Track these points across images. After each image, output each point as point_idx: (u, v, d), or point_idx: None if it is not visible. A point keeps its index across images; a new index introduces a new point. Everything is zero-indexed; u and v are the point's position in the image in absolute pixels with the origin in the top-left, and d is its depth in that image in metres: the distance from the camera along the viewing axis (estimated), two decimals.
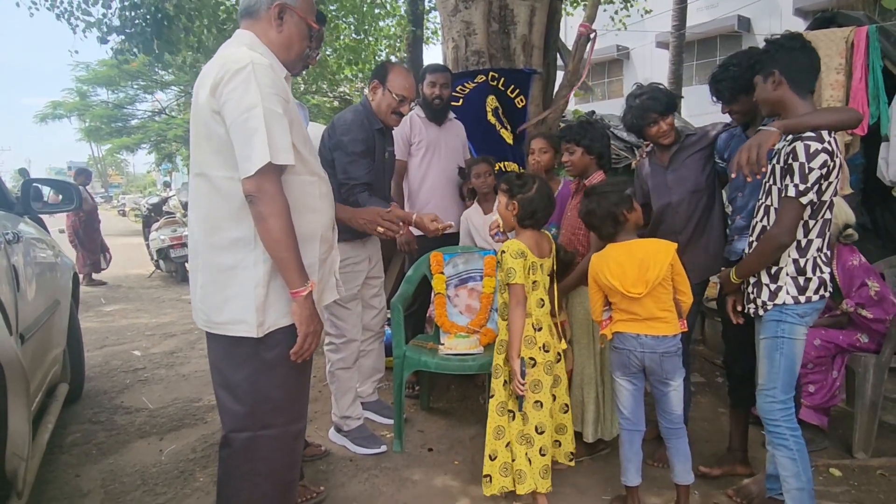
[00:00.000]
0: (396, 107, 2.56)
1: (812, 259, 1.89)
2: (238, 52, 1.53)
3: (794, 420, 1.93)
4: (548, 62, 4.20)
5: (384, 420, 2.96)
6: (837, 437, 2.75)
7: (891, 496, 2.30)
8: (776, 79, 1.90)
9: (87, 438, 2.86)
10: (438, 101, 3.14)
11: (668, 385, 2.06)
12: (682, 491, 2.10)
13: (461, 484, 2.41)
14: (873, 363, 2.57)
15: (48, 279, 2.76)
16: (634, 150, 4.92)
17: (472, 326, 2.88)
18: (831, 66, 3.02)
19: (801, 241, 1.89)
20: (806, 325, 1.93)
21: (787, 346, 1.91)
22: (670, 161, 2.47)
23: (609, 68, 20.27)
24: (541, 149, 2.84)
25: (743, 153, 1.84)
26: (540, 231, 2.20)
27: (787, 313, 1.91)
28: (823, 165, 1.77)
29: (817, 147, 1.76)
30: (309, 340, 1.59)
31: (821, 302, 1.93)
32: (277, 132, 1.49)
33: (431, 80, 3.13)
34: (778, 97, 1.91)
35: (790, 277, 1.90)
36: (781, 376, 1.92)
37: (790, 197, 1.81)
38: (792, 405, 1.94)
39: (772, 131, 1.83)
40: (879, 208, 4.20)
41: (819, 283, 1.90)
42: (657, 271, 1.99)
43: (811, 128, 1.80)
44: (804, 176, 1.77)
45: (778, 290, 1.92)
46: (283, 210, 1.50)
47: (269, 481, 1.67)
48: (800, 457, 1.90)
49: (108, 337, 4.91)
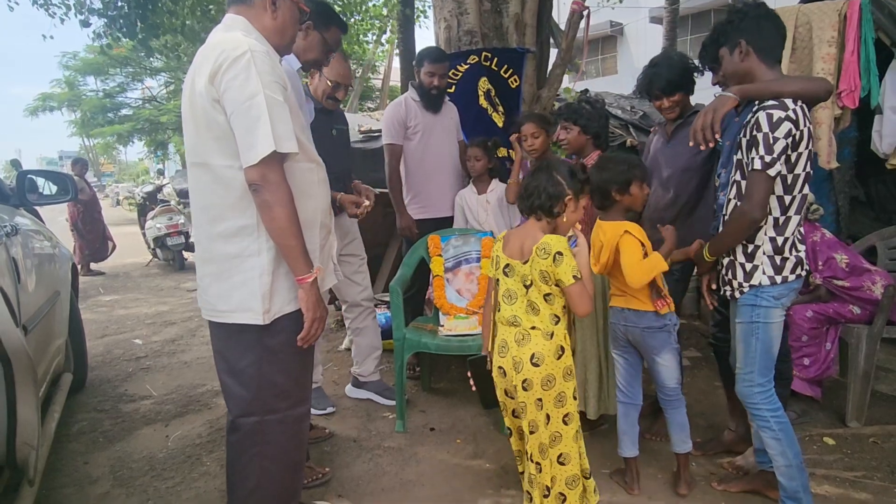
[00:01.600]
0: (331, 92, 2.64)
1: (790, 238, 1.83)
2: (234, 39, 1.51)
3: (774, 401, 1.90)
4: (541, 41, 4.17)
5: (385, 401, 3.00)
6: (831, 407, 2.81)
7: (882, 462, 2.36)
8: (743, 49, 1.83)
9: (94, 426, 2.90)
10: (435, 91, 3.13)
11: (656, 361, 2.10)
12: (681, 460, 2.16)
13: (464, 461, 2.46)
14: (866, 334, 2.62)
15: (47, 270, 2.77)
16: (630, 127, 4.90)
17: (471, 307, 2.91)
18: (823, 39, 3.01)
19: (780, 219, 1.81)
20: (782, 306, 1.86)
21: (763, 331, 1.86)
22: (671, 136, 2.49)
23: (603, 45, 20.08)
24: (532, 133, 2.79)
25: (698, 119, 1.80)
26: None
27: (762, 296, 1.84)
28: (788, 134, 1.68)
29: (780, 115, 1.68)
30: (315, 326, 1.61)
31: (797, 282, 1.87)
32: (280, 120, 1.49)
33: (430, 69, 3.10)
34: (746, 68, 1.85)
35: (767, 257, 1.83)
36: (758, 360, 1.88)
37: (756, 170, 1.72)
38: (771, 387, 1.90)
39: (728, 96, 1.79)
40: (873, 181, 4.23)
41: (796, 262, 1.84)
42: (607, 254, 2.03)
43: (773, 94, 1.73)
44: (769, 147, 1.69)
45: (754, 270, 1.85)
46: (288, 198, 1.51)
47: (277, 464, 1.71)
48: (783, 436, 1.87)
49: (108, 326, 4.93)
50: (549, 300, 1.77)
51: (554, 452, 1.81)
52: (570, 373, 1.81)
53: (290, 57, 2.30)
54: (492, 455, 2.50)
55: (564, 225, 1.83)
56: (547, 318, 1.77)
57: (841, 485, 2.21)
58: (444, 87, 3.18)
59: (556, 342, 1.78)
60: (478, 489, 2.24)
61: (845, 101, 3.05)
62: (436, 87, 3.11)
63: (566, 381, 1.79)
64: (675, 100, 2.42)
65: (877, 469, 2.31)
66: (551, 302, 1.77)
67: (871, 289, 2.63)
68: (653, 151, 2.60)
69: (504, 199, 3.07)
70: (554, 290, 1.76)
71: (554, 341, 1.77)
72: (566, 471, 1.82)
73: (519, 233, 1.86)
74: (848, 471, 2.31)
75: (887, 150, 3.21)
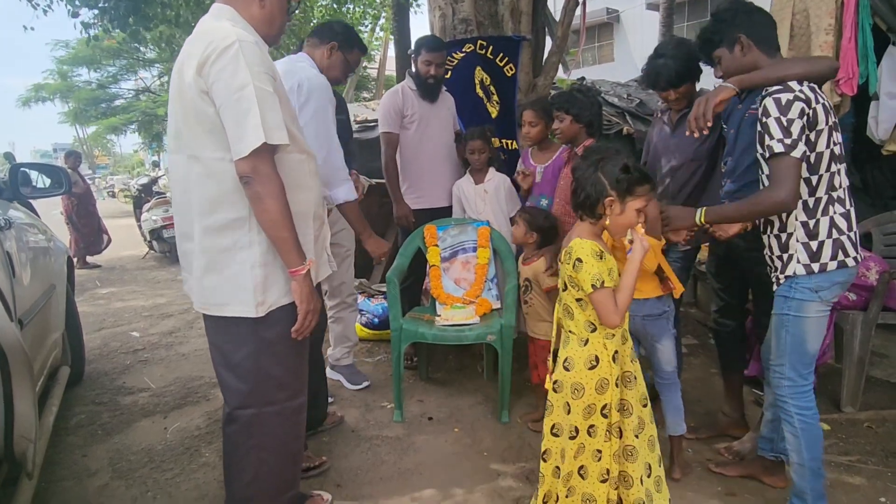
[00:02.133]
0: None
1: (826, 220, 1.73)
2: (222, 29, 1.49)
3: (805, 398, 1.82)
4: (536, 28, 4.14)
5: (351, 386, 3.11)
6: (826, 393, 2.82)
7: (877, 447, 2.38)
8: (743, 43, 1.82)
9: (92, 419, 2.91)
10: (432, 81, 3.10)
11: (656, 347, 2.12)
12: (674, 442, 2.18)
13: (461, 450, 2.47)
14: (861, 320, 2.63)
15: (42, 264, 2.76)
16: (626, 115, 4.88)
17: (467, 297, 2.91)
18: (821, 27, 2.98)
19: (809, 202, 1.73)
20: (822, 300, 1.75)
21: (794, 325, 1.79)
22: (676, 125, 2.45)
23: (599, 32, 19.96)
24: (530, 122, 2.79)
25: (693, 108, 1.79)
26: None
27: (796, 287, 1.77)
28: (802, 114, 1.63)
29: (788, 97, 1.64)
30: (309, 318, 1.61)
31: (841, 273, 1.74)
32: (270, 111, 1.47)
33: (427, 58, 3.06)
34: (750, 62, 1.82)
35: (801, 244, 1.75)
36: (788, 354, 1.81)
37: (779, 153, 1.64)
38: (805, 384, 1.82)
39: (725, 86, 1.78)
40: (869, 167, 4.23)
41: (835, 248, 1.73)
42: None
43: (777, 80, 1.70)
44: (785, 129, 1.63)
45: (789, 261, 1.77)
46: (279, 190, 1.50)
47: (274, 455, 1.72)
48: (803, 435, 1.81)
49: (105, 319, 4.92)
50: (582, 306, 1.67)
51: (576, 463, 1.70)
52: (604, 386, 1.65)
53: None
54: (489, 444, 2.51)
55: (613, 228, 1.67)
56: (582, 323, 1.67)
57: (836, 469, 2.23)
58: (441, 77, 3.15)
59: (591, 351, 1.65)
60: (476, 477, 2.26)
61: (843, 89, 3.04)
62: (433, 76, 3.08)
63: (599, 393, 1.65)
64: (683, 91, 2.37)
65: (871, 453, 2.34)
66: (584, 308, 1.67)
67: (865, 275, 2.64)
68: (656, 141, 2.55)
69: (501, 189, 3.06)
70: (585, 297, 1.65)
71: (587, 349, 1.66)
72: (584, 486, 1.70)
73: (570, 231, 1.76)
74: (843, 455, 2.33)
75: (883, 136, 3.20)
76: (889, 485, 2.13)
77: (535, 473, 2.23)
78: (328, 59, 2.44)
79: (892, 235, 3.02)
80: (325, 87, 2.33)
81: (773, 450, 2.08)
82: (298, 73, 2.29)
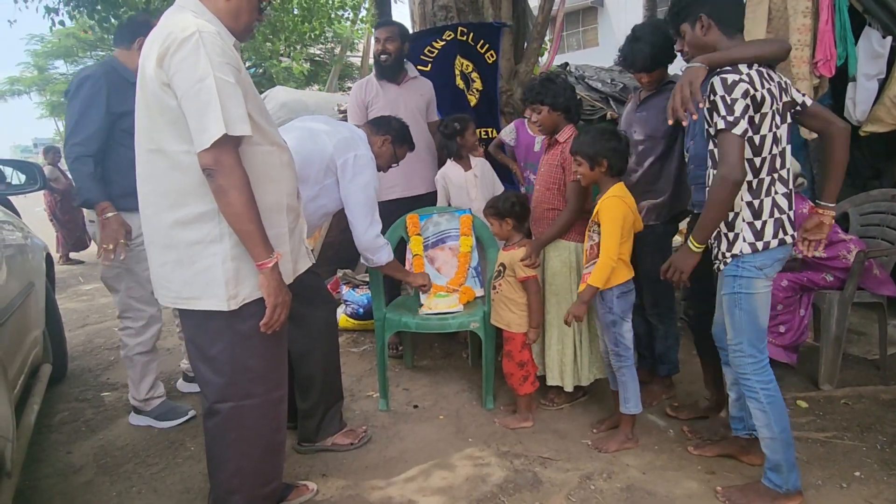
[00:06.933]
0: None
1: (769, 200, 1.82)
2: (183, 20, 1.47)
3: (765, 372, 1.88)
4: (517, 14, 4.12)
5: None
6: (804, 371, 2.87)
7: (853, 423, 2.43)
8: (704, 23, 1.85)
9: (76, 416, 2.89)
10: (385, 58, 3.07)
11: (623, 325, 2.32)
12: (625, 419, 2.34)
13: (447, 437, 2.49)
14: (837, 299, 2.67)
15: (19, 261, 2.71)
16: (610, 100, 4.88)
17: (451, 285, 2.91)
18: (798, 10, 2.99)
19: (752, 182, 1.81)
20: (766, 276, 1.84)
21: (746, 301, 1.85)
22: (641, 102, 2.55)
23: (583, 17, 19.89)
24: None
25: (676, 95, 1.79)
26: None
27: (743, 266, 1.83)
28: (746, 94, 1.70)
29: (734, 78, 1.70)
30: (278, 312, 1.59)
31: (781, 250, 1.84)
32: (231, 103, 1.45)
33: (377, 35, 3.08)
34: (709, 41, 1.85)
35: (746, 223, 1.83)
36: (746, 331, 1.87)
37: (722, 130, 1.72)
38: (762, 357, 1.89)
39: (697, 66, 1.79)
40: None
41: (776, 226, 1.82)
42: None
43: (731, 62, 1.75)
44: (728, 108, 1.70)
45: (735, 239, 1.84)
46: (243, 182, 1.48)
47: (255, 447, 1.72)
48: (771, 409, 1.86)
49: (88, 315, 4.88)
50: None
51: None
52: None
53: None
54: (474, 430, 2.53)
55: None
56: None
57: (812, 445, 2.28)
58: (395, 54, 3.11)
59: None
60: (460, 464, 2.28)
61: (822, 70, 3.05)
62: (386, 53, 3.06)
63: None
64: (655, 76, 2.47)
65: (847, 429, 2.38)
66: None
67: (846, 257, 2.67)
68: (625, 117, 2.68)
69: (487, 171, 3.14)
70: None
71: None
72: None
73: None
74: (819, 431, 2.38)
75: (860, 118, 3.23)
76: (864, 459, 2.17)
77: (519, 458, 2.27)
78: (379, 148, 2.53)
79: (868, 216, 3.06)
80: (375, 168, 2.42)
81: (746, 427, 2.11)
82: (360, 147, 2.36)
